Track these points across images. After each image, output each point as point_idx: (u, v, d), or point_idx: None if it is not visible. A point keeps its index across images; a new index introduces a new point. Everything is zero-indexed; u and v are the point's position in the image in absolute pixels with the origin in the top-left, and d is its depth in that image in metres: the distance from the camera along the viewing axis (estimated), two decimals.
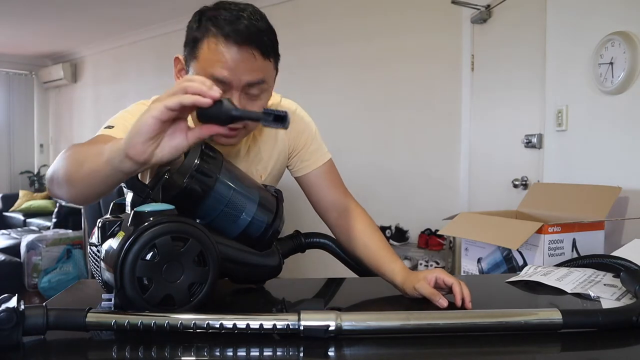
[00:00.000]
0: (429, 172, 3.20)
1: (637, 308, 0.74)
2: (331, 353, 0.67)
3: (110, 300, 0.75)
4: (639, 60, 1.85)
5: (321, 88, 3.65)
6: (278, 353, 0.66)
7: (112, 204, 0.93)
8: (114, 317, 0.68)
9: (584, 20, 2.09)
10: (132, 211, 0.76)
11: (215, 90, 0.67)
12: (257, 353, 0.66)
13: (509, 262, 1.59)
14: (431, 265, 3.00)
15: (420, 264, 3.07)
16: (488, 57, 2.78)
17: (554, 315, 0.72)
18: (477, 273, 1.69)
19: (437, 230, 2.82)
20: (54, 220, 5.20)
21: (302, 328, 0.68)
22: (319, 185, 1.15)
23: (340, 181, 1.18)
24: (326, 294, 1.05)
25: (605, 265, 1.08)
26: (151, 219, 0.73)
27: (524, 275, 1.08)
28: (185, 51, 0.95)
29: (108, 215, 0.85)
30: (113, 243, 0.75)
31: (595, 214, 1.62)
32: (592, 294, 0.91)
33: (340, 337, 0.69)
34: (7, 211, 6.10)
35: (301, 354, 0.67)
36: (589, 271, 1.06)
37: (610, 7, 1.98)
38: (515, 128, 2.56)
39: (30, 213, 5.88)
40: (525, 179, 2.52)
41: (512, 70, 2.60)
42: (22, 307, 0.65)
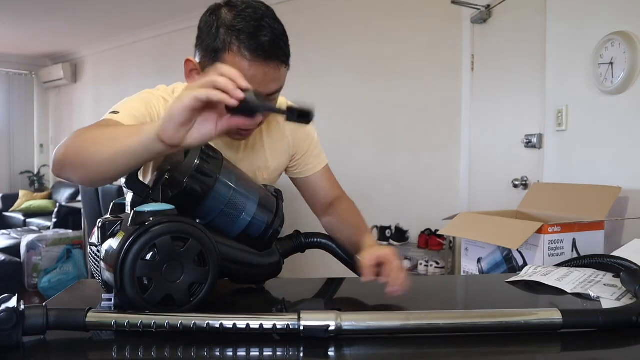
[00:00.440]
0: (429, 172, 3.20)
1: (637, 308, 0.74)
2: (331, 353, 0.67)
3: (110, 300, 0.75)
4: (639, 60, 1.85)
5: (321, 88, 3.65)
6: (278, 353, 0.66)
7: (112, 204, 0.93)
8: (114, 317, 0.68)
9: (584, 20, 2.09)
10: (132, 211, 0.76)
11: (241, 89, 0.68)
12: (257, 353, 0.66)
13: (509, 262, 1.59)
14: (431, 266, 3.00)
15: (421, 263, 3.06)
16: (488, 57, 2.78)
17: (554, 315, 0.72)
18: (477, 273, 1.69)
19: (437, 230, 2.82)
20: (54, 220, 5.21)
21: (302, 328, 0.68)
22: (318, 187, 1.22)
23: (336, 183, 1.25)
24: (326, 294, 1.05)
25: (605, 265, 1.08)
26: (151, 219, 0.73)
27: (524, 275, 1.08)
28: (200, 55, 0.95)
29: (108, 215, 0.85)
30: (113, 243, 0.75)
31: (595, 214, 1.62)
32: (592, 294, 0.91)
33: (340, 337, 0.69)
34: (7, 211, 6.10)
35: (301, 354, 0.67)
36: (589, 271, 1.06)
37: (610, 7, 1.98)
38: (515, 128, 2.56)
39: (30, 213, 5.88)
40: (525, 179, 2.52)
41: (512, 70, 2.60)
42: (22, 307, 0.65)
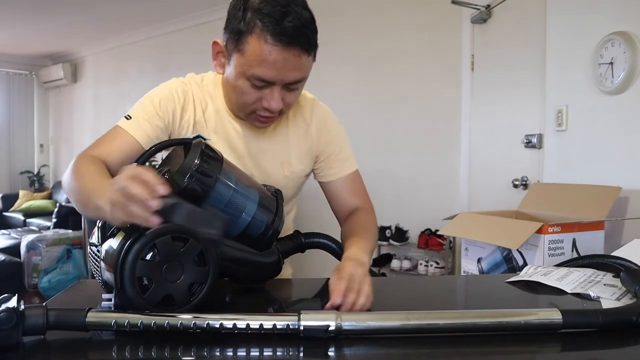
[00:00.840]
0: (429, 172, 3.20)
1: (637, 308, 0.74)
2: (331, 353, 0.67)
3: (110, 300, 0.75)
4: (639, 60, 1.85)
5: (321, 88, 3.64)
6: (278, 353, 0.66)
7: None
8: (114, 317, 0.68)
9: (584, 20, 2.09)
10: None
11: (155, 216, 0.69)
12: (257, 353, 0.66)
13: (509, 262, 1.59)
14: (431, 266, 3.00)
15: (421, 263, 3.07)
16: (488, 57, 2.78)
17: (553, 315, 0.72)
18: (477, 273, 1.69)
19: (437, 230, 2.82)
20: (54, 220, 5.21)
21: (302, 328, 0.68)
22: (338, 194, 1.17)
23: (360, 192, 1.18)
24: (326, 294, 1.04)
25: (605, 265, 1.08)
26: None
27: (524, 275, 1.08)
28: (226, 37, 0.96)
29: None
30: (113, 243, 0.75)
31: (595, 214, 1.62)
32: (592, 294, 0.91)
33: (340, 337, 0.69)
34: (7, 211, 6.10)
35: (301, 354, 0.67)
36: (589, 271, 1.06)
37: (610, 7, 1.98)
38: (515, 128, 2.56)
39: (30, 213, 5.89)
40: (525, 179, 2.52)
41: (512, 70, 2.60)
42: (22, 307, 0.65)
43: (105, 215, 0.75)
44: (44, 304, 0.69)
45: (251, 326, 0.68)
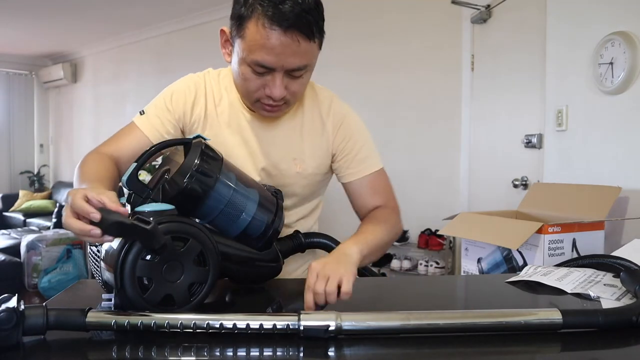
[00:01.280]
0: (429, 172, 3.20)
1: (637, 308, 0.74)
2: (331, 353, 0.67)
3: (110, 300, 0.76)
4: (639, 60, 1.84)
5: None
6: (278, 353, 0.66)
7: None
8: (114, 317, 0.68)
9: (584, 20, 2.09)
10: (132, 211, 0.76)
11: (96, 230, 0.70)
12: (257, 353, 0.66)
13: (509, 262, 1.59)
14: (431, 266, 3.00)
15: (421, 263, 3.07)
16: (488, 57, 2.78)
17: (553, 315, 0.72)
18: (477, 273, 1.69)
19: (437, 230, 2.82)
20: (54, 220, 5.21)
21: (302, 328, 0.68)
22: (359, 193, 1.13)
23: (382, 191, 1.14)
24: None
25: (605, 265, 1.08)
26: (151, 219, 0.73)
27: (524, 275, 1.08)
28: (231, 24, 0.96)
29: None
30: (113, 243, 0.75)
31: (595, 214, 1.62)
32: (592, 294, 0.91)
33: (340, 337, 0.69)
34: (7, 211, 6.10)
35: (301, 354, 0.67)
36: (589, 271, 1.06)
37: (610, 7, 1.98)
38: (515, 128, 2.56)
39: (30, 213, 5.89)
40: (525, 179, 2.52)
41: (512, 70, 2.60)
42: (22, 307, 0.65)
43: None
44: (44, 304, 0.69)
45: (251, 326, 0.68)
